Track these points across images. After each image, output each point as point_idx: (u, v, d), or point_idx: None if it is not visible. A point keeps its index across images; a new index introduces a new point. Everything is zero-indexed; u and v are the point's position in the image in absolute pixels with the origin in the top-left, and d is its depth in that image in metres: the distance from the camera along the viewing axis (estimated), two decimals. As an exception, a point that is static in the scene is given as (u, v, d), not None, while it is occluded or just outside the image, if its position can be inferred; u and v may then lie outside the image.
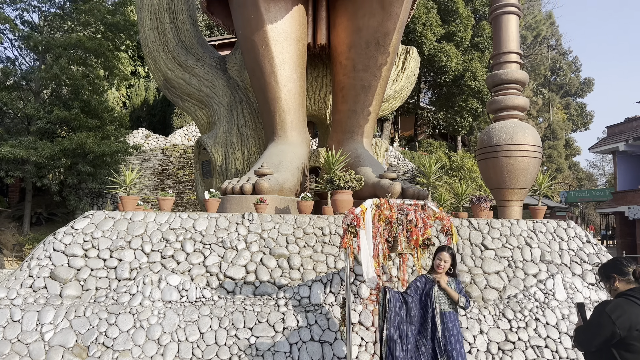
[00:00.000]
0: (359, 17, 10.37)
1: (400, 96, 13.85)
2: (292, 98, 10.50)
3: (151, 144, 25.24)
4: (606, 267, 3.42)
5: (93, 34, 19.98)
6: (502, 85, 9.82)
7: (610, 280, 3.38)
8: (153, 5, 12.48)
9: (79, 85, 17.74)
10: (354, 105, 10.89)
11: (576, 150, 43.32)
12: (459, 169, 26.01)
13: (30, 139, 16.55)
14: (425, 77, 32.39)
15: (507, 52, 9.80)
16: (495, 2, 10.03)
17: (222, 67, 12.49)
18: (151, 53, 12.48)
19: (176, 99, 12.80)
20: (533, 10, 39.94)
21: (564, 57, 46.20)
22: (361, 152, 10.76)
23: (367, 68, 10.52)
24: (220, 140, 11.52)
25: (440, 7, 29.43)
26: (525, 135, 9.38)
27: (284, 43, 10.26)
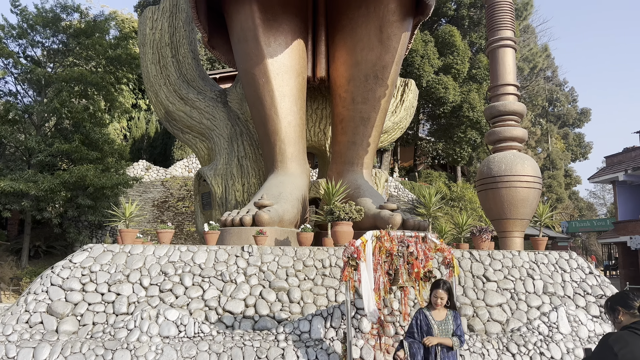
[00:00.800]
0: (358, 51, 10.54)
1: (399, 128, 13.95)
2: (292, 130, 10.58)
3: (151, 176, 25.30)
4: (612, 300, 3.38)
5: (95, 67, 20.29)
6: (500, 117, 9.91)
7: (615, 313, 3.33)
8: (155, 40, 12.71)
9: (80, 118, 17.92)
10: (354, 136, 10.96)
11: (576, 180, 43.41)
12: (459, 200, 26.00)
13: (30, 172, 16.59)
14: (424, 108, 32.74)
15: (505, 85, 9.93)
16: (491, 36, 10.22)
17: (222, 100, 12.63)
18: (153, 86, 12.64)
19: (177, 132, 12.89)
20: (529, 43, 40.68)
21: (561, 88, 46.81)
22: (361, 183, 10.77)
23: (366, 100, 10.64)
24: (220, 172, 11.55)
25: (438, 40, 29.98)
26: (525, 166, 9.41)
27: (284, 76, 10.41)
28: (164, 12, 12.94)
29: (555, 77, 46.44)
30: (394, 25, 10.21)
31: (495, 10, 10.18)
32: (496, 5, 10.17)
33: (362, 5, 10.46)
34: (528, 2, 37.49)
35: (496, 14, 10.14)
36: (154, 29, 12.78)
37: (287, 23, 10.55)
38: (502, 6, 10.05)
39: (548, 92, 43.88)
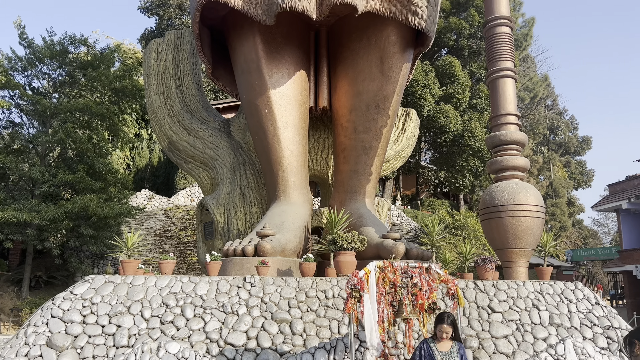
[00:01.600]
0: (359, 81, 10.67)
1: (401, 156, 14.01)
2: (295, 159, 10.63)
3: (154, 205, 25.32)
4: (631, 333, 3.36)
5: (99, 98, 20.55)
6: (502, 146, 9.95)
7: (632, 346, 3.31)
8: (160, 72, 12.90)
9: (84, 148, 18.05)
10: (356, 165, 11.00)
11: (579, 208, 43.25)
12: (462, 228, 25.87)
13: (34, 202, 16.64)
14: (425, 137, 32.92)
15: (506, 114, 10.00)
16: (491, 66, 10.35)
17: (226, 129, 12.74)
18: (157, 117, 12.77)
19: (180, 161, 12.96)
20: (529, 72, 41.15)
21: (561, 116, 47.14)
22: (364, 212, 10.75)
23: (368, 130, 10.72)
24: (222, 202, 11.56)
25: (438, 70, 30.36)
26: (528, 195, 9.39)
27: (287, 107, 10.52)
28: (169, 44, 13.18)
29: (556, 106, 46.83)
30: (395, 56, 10.37)
31: (494, 41, 10.34)
32: (496, 36, 10.33)
33: (363, 38, 10.64)
34: (527, 33, 38.07)
35: (496, 45, 10.29)
36: (159, 60, 13.00)
37: (290, 55, 10.73)
38: (501, 38, 10.20)
39: (549, 121, 44.17)
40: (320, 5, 9.46)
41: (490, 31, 10.47)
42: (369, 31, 10.49)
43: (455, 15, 32.23)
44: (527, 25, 38.30)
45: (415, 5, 9.48)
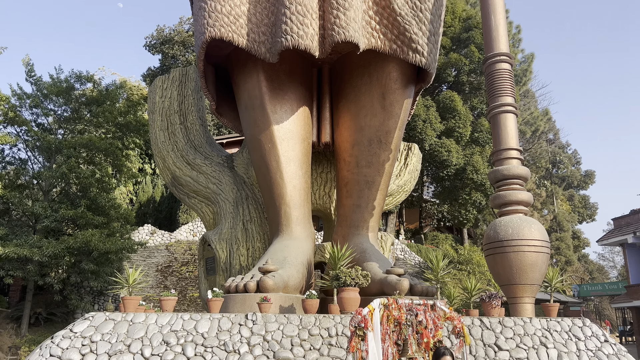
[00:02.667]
0: (361, 117, 10.77)
1: (404, 191, 14.00)
2: (297, 194, 10.62)
3: (156, 240, 25.21)
4: None
5: (104, 134, 20.76)
6: (505, 181, 9.93)
7: None
8: (164, 108, 13.07)
9: (87, 183, 18.12)
10: (359, 200, 10.98)
11: (584, 242, 42.87)
12: (467, 263, 25.61)
13: (36, 238, 16.59)
14: (428, 171, 32.99)
15: (507, 149, 10.02)
16: (492, 102, 10.44)
17: (229, 164, 12.80)
18: (160, 152, 12.86)
19: (183, 196, 12.97)
20: (529, 107, 41.54)
21: (564, 150, 47.30)
22: (367, 247, 10.66)
23: (370, 164, 10.75)
24: (225, 237, 11.50)
25: (439, 105, 30.67)
26: (532, 230, 9.31)
27: (290, 142, 10.59)
28: (174, 81, 13.40)
29: (558, 140, 47.07)
30: (396, 92, 10.49)
31: (495, 77, 10.46)
32: (496, 72, 10.46)
33: (365, 74, 10.80)
34: (527, 68, 38.63)
35: (496, 81, 10.41)
36: (164, 97, 13.19)
37: (293, 91, 10.87)
38: (501, 74, 10.33)
39: (551, 155, 44.31)
40: (322, 43, 9.64)
41: (491, 67, 10.61)
42: (371, 68, 10.66)
43: (456, 51, 32.79)
44: (526, 61, 38.90)
45: (416, 43, 9.66)
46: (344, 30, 9.27)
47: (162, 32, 41.38)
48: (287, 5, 9.42)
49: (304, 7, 9.41)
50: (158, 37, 41.13)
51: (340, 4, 9.37)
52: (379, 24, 9.97)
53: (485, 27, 10.62)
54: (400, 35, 9.79)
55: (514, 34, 38.61)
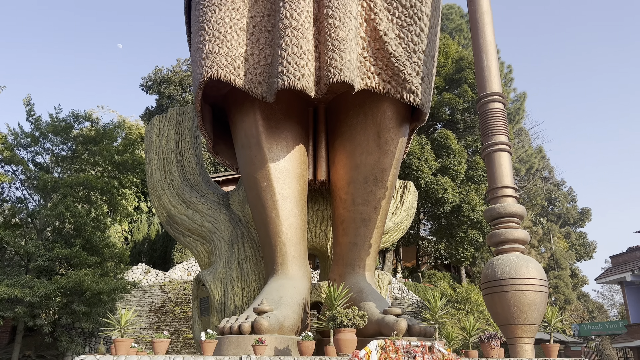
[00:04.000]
0: (357, 155, 10.84)
1: (400, 228, 13.96)
2: (293, 232, 10.57)
3: (150, 280, 24.87)
4: None
5: (100, 172, 20.79)
6: (501, 219, 9.93)
7: None
8: (161, 147, 13.14)
9: (82, 222, 18.02)
10: (355, 238, 10.92)
11: (583, 281, 42.57)
12: (465, 302, 25.30)
13: (28, 278, 16.34)
14: (424, 208, 33.01)
15: (502, 187, 10.06)
16: (486, 140, 10.55)
17: (225, 202, 12.77)
18: (156, 191, 12.84)
19: (178, 235, 12.88)
20: (523, 145, 42.02)
21: (559, 188, 47.57)
22: (364, 286, 10.53)
23: (367, 202, 10.75)
24: (219, 276, 11.36)
25: (434, 143, 30.98)
26: (529, 268, 9.25)
27: (286, 180, 10.61)
28: (171, 120, 13.52)
29: (552, 177, 47.40)
30: (392, 131, 10.61)
31: (488, 117, 10.62)
32: (489, 112, 10.62)
33: (360, 113, 10.95)
34: (519, 107, 39.29)
35: (489, 120, 10.56)
36: (161, 135, 13.27)
37: (289, 130, 10.98)
38: (494, 113, 10.49)
39: (546, 192, 44.52)
40: (318, 83, 9.81)
41: (484, 107, 10.78)
42: (366, 107, 10.82)
43: (449, 91, 33.40)
44: (519, 100, 39.59)
45: (410, 83, 9.84)
46: (339, 71, 9.44)
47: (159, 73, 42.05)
48: (284, 47, 9.63)
49: (300, 49, 9.63)
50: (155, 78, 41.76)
51: (336, 46, 9.59)
52: (373, 65, 10.18)
53: (478, 68, 10.85)
54: (395, 76, 9.99)
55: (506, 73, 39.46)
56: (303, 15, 9.72)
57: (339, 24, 9.62)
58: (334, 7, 9.63)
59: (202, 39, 10.56)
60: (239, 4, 10.32)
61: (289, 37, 9.72)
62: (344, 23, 9.67)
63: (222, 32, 10.24)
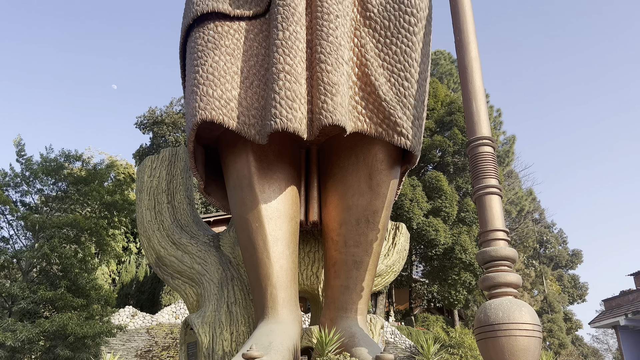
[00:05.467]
0: (349, 196, 10.85)
1: (393, 271, 13.83)
2: (284, 274, 10.44)
3: (137, 323, 24.29)
4: None
5: (89, 212, 20.62)
6: (493, 262, 9.86)
7: None
8: (152, 187, 13.08)
9: (69, 263, 17.72)
10: (347, 281, 10.80)
11: (577, 324, 42.14)
12: (459, 346, 24.86)
13: (10, 321, 15.88)
14: (416, 250, 32.91)
15: (494, 230, 10.04)
16: (476, 184, 10.59)
17: (215, 244, 12.64)
18: (146, 232, 12.69)
19: (167, 277, 12.65)
20: (514, 187, 42.39)
21: (550, 230, 47.73)
22: (356, 331, 10.32)
23: (358, 244, 10.69)
24: (208, 320, 11.10)
25: (426, 184, 31.23)
26: (522, 313, 9.13)
27: (277, 221, 10.57)
28: (163, 160, 13.51)
29: (543, 220, 47.64)
30: (383, 173, 10.67)
31: (478, 160, 10.71)
32: (479, 155, 10.72)
33: (352, 155, 11.03)
34: (509, 149, 39.87)
35: (480, 164, 10.64)
36: (152, 176, 13.24)
37: (281, 171, 11.02)
38: (484, 156, 10.58)
39: (537, 234, 44.60)
40: (310, 126, 9.93)
41: (474, 151, 10.87)
42: (357, 149, 10.92)
43: (440, 133, 33.93)
44: (508, 143, 40.22)
45: (401, 126, 9.98)
46: (331, 115, 9.59)
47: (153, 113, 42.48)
48: (277, 90, 9.79)
49: (293, 92, 9.80)
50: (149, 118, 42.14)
51: (328, 90, 9.77)
52: (365, 109, 10.35)
53: (467, 113, 11.00)
54: (386, 119, 10.14)
55: (495, 117, 40.22)
56: (296, 60, 9.94)
57: (331, 69, 9.83)
58: (327, 53, 9.87)
59: (196, 82, 10.70)
60: (233, 49, 10.55)
61: (282, 81, 9.89)
62: (336, 68, 9.89)
63: (216, 76, 10.40)
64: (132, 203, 20.49)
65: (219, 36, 10.03)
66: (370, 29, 9.96)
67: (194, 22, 9.55)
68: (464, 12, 8.41)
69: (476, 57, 10.32)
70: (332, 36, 9.88)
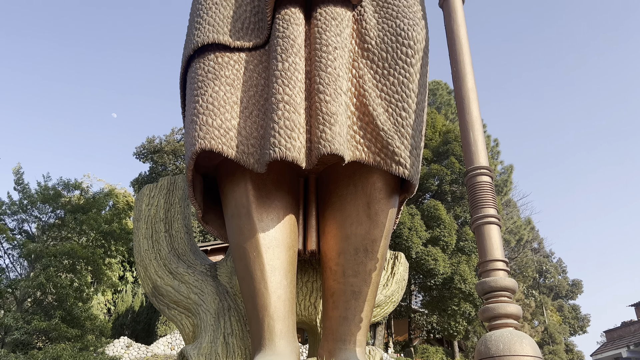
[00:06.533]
0: (347, 225, 10.81)
1: (392, 301, 13.67)
2: (282, 305, 10.31)
3: (132, 354, 23.88)
4: None
5: (86, 241, 20.53)
6: (492, 293, 9.77)
7: None
8: (150, 216, 13.02)
9: (64, 293, 17.55)
10: (345, 311, 10.66)
11: (579, 356, 41.52)
12: (459, 379, 24.38)
13: (3, 352, 15.62)
14: (415, 279, 32.68)
15: (493, 260, 9.99)
16: (475, 213, 10.56)
17: (212, 273, 12.52)
18: (143, 261, 12.57)
19: (163, 307, 12.48)
20: (512, 216, 42.36)
21: (549, 259, 47.50)
22: (354, 363, 10.15)
23: (357, 274, 10.59)
24: (204, 351, 10.90)
25: (424, 213, 31.24)
26: (523, 345, 9.00)
27: (275, 250, 10.49)
28: (162, 189, 13.50)
29: (542, 249, 47.49)
30: (381, 202, 10.66)
31: (476, 190, 10.71)
32: (477, 185, 10.73)
33: (350, 184, 11.04)
34: (507, 179, 40.01)
35: (478, 193, 10.65)
36: (150, 205, 13.20)
37: (280, 200, 11.00)
38: (482, 186, 10.60)
39: (537, 264, 44.37)
40: (309, 155, 9.97)
41: (471, 180, 10.89)
42: (356, 178, 10.93)
43: (437, 162, 34.14)
44: (506, 172, 40.42)
45: (399, 156, 10.03)
46: (329, 144, 9.65)
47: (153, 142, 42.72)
48: (276, 120, 9.88)
49: (292, 122, 9.88)
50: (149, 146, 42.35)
51: (327, 120, 9.86)
52: (363, 138, 10.42)
53: (465, 143, 11.06)
54: (384, 149, 10.20)
55: (492, 146, 40.50)
56: (295, 91, 10.06)
57: (329, 99, 9.94)
58: (325, 84, 10.00)
59: (196, 111, 10.79)
60: (233, 79, 10.68)
61: (282, 110, 9.98)
62: (334, 98, 10.00)
63: (216, 106, 10.49)
64: (129, 232, 20.45)
65: (219, 67, 10.18)
66: (368, 60, 10.13)
67: (195, 53, 9.71)
68: (460, 44, 8.56)
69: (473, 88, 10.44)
70: (330, 67, 10.03)
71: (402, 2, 9.60)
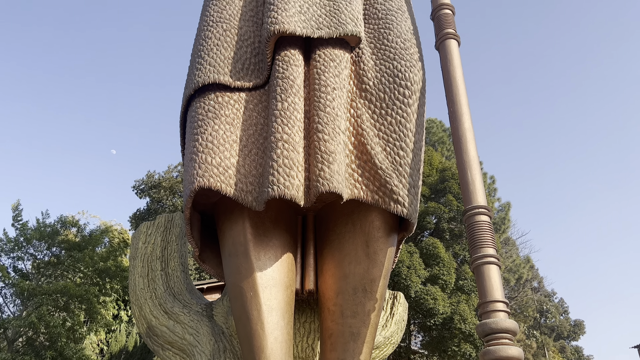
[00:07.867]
0: (346, 264, 10.70)
1: (391, 343, 13.39)
2: (279, 347, 10.08)
3: (123, 397, 23.17)
4: None
5: (81, 278, 20.27)
6: (493, 335, 9.61)
7: None
8: (147, 254, 12.89)
9: (56, 333, 17.19)
10: (344, 354, 10.41)
11: (583, 400, 40.41)
12: None
13: (-9, 394, 15.17)
14: (414, 319, 32.17)
15: (493, 301, 9.87)
16: (474, 253, 10.48)
17: (208, 313, 12.30)
18: (138, 300, 12.37)
19: (157, 348, 12.19)
20: (511, 255, 42.08)
21: (550, 299, 46.91)
22: (353, 408, 9.85)
23: (356, 314, 10.41)
24: (199, 394, 10.61)
25: (422, 251, 31.03)
26: (527, 389, 8.83)
27: (272, 289, 10.34)
28: (159, 227, 13.40)
29: (543, 288, 47.00)
30: (380, 240, 10.58)
31: (475, 229, 10.68)
32: (476, 224, 10.71)
33: (348, 222, 10.99)
34: (505, 216, 39.97)
35: (476, 233, 10.60)
36: (147, 243, 13.08)
37: (278, 238, 10.92)
38: (481, 226, 10.56)
39: (537, 303, 43.81)
40: (307, 193, 9.97)
41: (470, 220, 10.88)
42: (354, 216, 10.90)
43: (434, 200, 34.16)
44: (503, 210, 40.38)
45: (397, 194, 10.03)
46: (328, 182, 9.67)
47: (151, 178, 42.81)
48: (275, 158, 9.93)
49: (291, 160, 9.93)
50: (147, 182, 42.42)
51: (325, 159, 9.91)
52: (361, 177, 10.45)
53: (462, 182, 11.08)
54: (382, 187, 10.22)
55: (489, 184, 40.63)
56: (294, 130, 10.16)
57: (328, 138, 10.03)
58: (324, 123, 10.11)
59: (196, 149, 10.84)
60: (233, 118, 10.80)
61: (280, 149, 10.05)
62: (333, 137, 10.09)
63: (216, 144, 10.56)
64: (124, 269, 20.22)
65: (220, 106, 10.31)
66: (366, 100, 10.28)
67: (196, 93, 9.86)
68: (456, 85, 8.70)
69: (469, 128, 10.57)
70: (329, 107, 10.16)
71: (399, 44, 9.84)
